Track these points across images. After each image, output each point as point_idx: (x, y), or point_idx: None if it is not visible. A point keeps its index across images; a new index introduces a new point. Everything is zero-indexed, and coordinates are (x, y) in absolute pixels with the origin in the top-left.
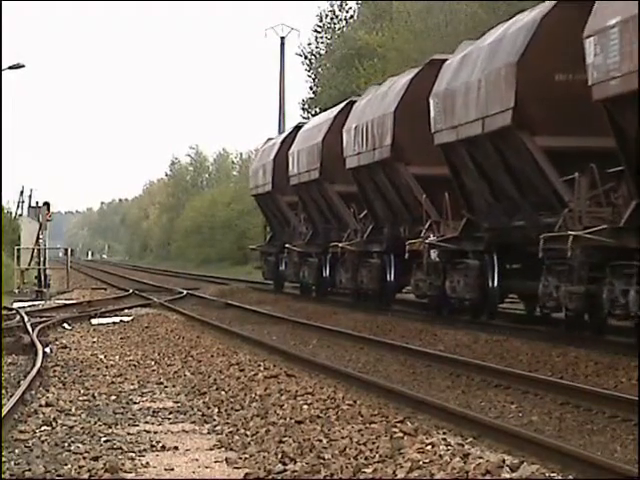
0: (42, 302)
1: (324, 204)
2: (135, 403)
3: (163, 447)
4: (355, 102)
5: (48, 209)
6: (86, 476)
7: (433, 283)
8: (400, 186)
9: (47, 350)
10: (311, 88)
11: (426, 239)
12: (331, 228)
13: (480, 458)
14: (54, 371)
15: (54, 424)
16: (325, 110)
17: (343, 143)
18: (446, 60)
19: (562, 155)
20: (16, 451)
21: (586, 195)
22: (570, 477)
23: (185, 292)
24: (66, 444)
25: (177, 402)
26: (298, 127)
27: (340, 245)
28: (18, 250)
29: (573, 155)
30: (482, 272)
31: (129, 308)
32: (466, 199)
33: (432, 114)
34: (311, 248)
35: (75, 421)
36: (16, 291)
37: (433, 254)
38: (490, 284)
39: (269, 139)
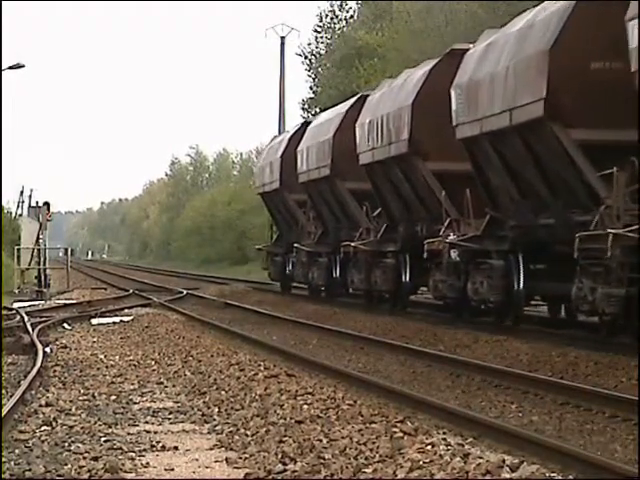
0: (42, 302)
1: (335, 202)
2: (135, 403)
3: (163, 447)
4: (368, 96)
5: (48, 209)
6: (86, 476)
7: (453, 284)
8: (417, 182)
9: (47, 350)
10: (311, 88)
11: (446, 238)
12: (342, 227)
13: (480, 458)
14: (54, 371)
15: (54, 424)
16: (325, 110)
17: (356, 138)
18: (467, 50)
19: (598, 149)
20: (16, 451)
21: (625, 191)
22: (570, 477)
23: (185, 292)
24: (66, 444)
25: (177, 402)
26: (307, 123)
27: (353, 244)
28: (18, 250)
29: (610, 149)
30: (507, 273)
31: (129, 308)
32: (489, 196)
33: (454, 106)
34: (321, 248)
35: (75, 421)
36: (16, 291)
37: (453, 254)
38: (515, 286)
39: (276, 136)
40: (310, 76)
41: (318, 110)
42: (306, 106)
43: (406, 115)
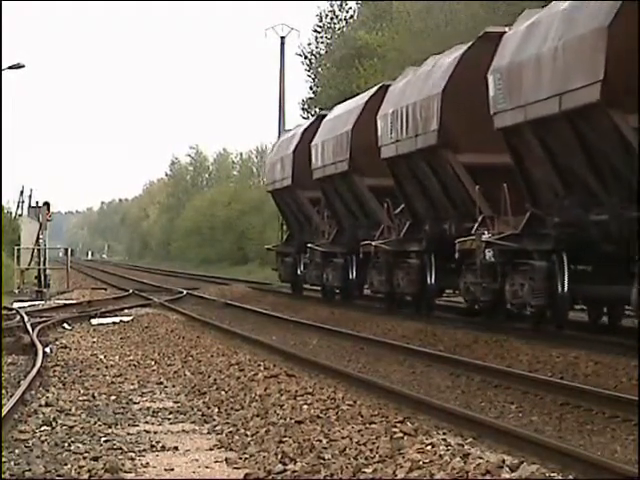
0: (42, 302)
1: (352, 199)
2: (135, 403)
3: (163, 447)
4: (389, 86)
5: (48, 209)
6: (86, 476)
7: (488, 287)
8: (446, 177)
9: (47, 350)
10: (311, 88)
11: (480, 237)
12: (359, 226)
13: (480, 458)
14: (54, 371)
15: (54, 424)
16: (326, 110)
17: (377, 131)
18: (503, 33)
19: None
20: (16, 451)
21: None
22: (570, 477)
23: (185, 292)
24: (66, 444)
25: (177, 402)
26: (321, 116)
27: (373, 244)
28: (18, 250)
29: None
30: (550, 275)
31: (129, 308)
32: (531, 190)
33: (491, 93)
34: (336, 248)
35: (75, 421)
36: (16, 291)
37: (488, 254)
38: (559, 289)
39: (286, 130)
40: (310, 76)
41: (318, 110)
42: (306, 106)
43: (435, 104)
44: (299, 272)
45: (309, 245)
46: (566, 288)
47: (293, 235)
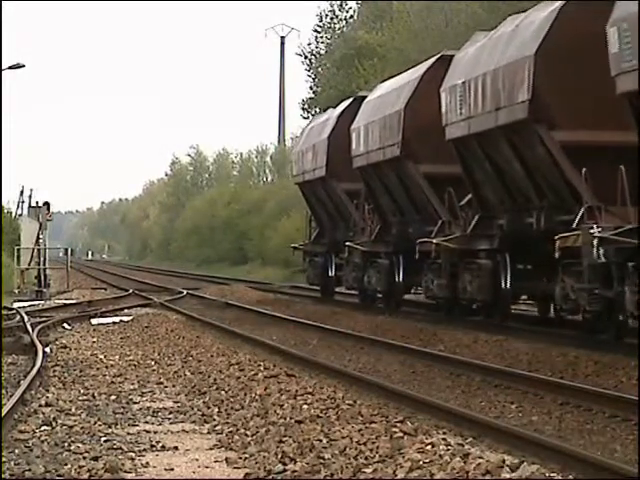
0: (42, 302)
1: (400, 190)
2: (135, 403)
3: (163, 447)
4: (451, 56)
5: (48, 209)
6: (86, 476)
7: (600, 293)
8: (534, 158)
9: (47, 350)
10: (311, 88)
11: (589, 232)
12: (408, 221)
13: (480, 458)
14: (54, 371)
15: (54, 424)
16: (325, 110)
17: (441, 107)
18: None
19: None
20: (16, 451)
21: None
22: (570, 477)
23: (185, 292)
24: (66, 444)
25: (177, 402)
26: (359, 98)
27: (434, 241)
28: (18, 250)
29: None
30: None
31: (129, 308)
32: None
33: (614, 48)
34: (380, 247)
35: (75, 421)
36: (16, 291)
37: (598, 253)
38: None
39: (316, 115)
40: (310, 76)
41: (318, 110)
42: (306, 106)
43: (526, 69)
44: (330, 274)
45: (348, 244)
46: None
47: (323, 233)
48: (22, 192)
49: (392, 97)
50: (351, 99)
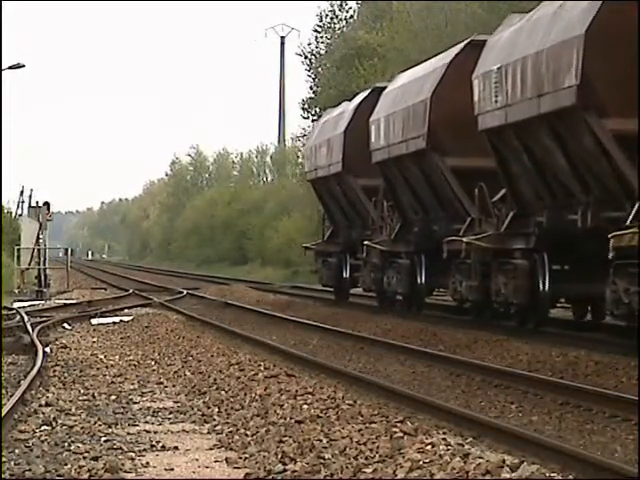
0: (42, 302)
1: (424, 186)
2: (135, 403)
3: (163, 447)
4: (483, 42)
5: (48, 209)
6: (86, 476)
7: None
8: (578, 149)
9: (47, 350)
10: (311, 88)
11: None
12: (432, 219)
13: (480, 458)
14: (54, 371)
15: (54, 424)
16: (325, 110)
17: (474, 95)
18: None
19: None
20: (16, 451)
21: None
22: (570, 477)
23: (185, 292)
24: (66, 444)
25: (177, 402)
26: (378, 89)
27: (465, 240)
28: (18, 250)
29: None
30: None
31: (129, 308)
32: None
33: None
34: (401, 246)
35: (75, 421)
36: (16, 291)
37: None
38: None
39: (330, 108)
40: (310, 76)
41: (318, 110)
42: (306, 106)
43: (574, 51)
44: (344, 275)
45: (366, 243)
46: None
47: (338, 232)
48: (22, 192)
49: (416, 86)
50: (368, 90)
